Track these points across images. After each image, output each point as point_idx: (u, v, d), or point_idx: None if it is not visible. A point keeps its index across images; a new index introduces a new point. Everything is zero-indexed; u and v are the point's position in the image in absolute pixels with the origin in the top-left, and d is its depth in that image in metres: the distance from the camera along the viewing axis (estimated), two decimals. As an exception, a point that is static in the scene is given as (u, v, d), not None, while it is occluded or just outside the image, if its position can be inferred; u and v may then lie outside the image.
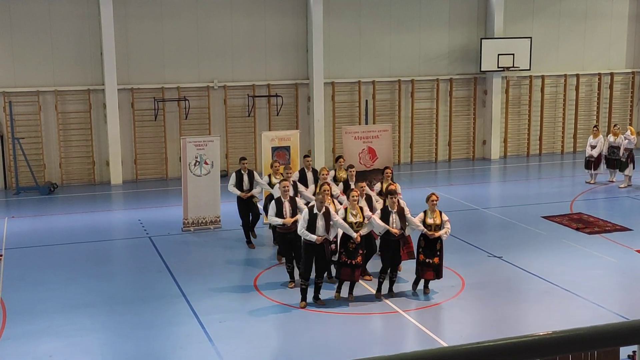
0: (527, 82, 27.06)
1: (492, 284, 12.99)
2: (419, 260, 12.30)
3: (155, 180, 23.44)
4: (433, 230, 12.18)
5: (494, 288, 12.81)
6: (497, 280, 13.27)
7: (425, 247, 12.27)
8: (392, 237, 11.99)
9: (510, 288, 12.82)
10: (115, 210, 19.99)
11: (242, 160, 15.64)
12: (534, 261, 14.27)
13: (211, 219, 17.07)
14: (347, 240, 11.97)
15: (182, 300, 12.39)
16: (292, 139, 17.56)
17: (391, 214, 12.07)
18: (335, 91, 25.02)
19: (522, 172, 24.91)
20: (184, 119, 23.54)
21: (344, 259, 11.99)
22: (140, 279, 13.63)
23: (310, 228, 11.66)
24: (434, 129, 26.41)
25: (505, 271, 13.77)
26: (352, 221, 11.96)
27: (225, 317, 11.59)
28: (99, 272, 14.08)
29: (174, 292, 12.82)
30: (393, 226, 11.98)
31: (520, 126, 27.51)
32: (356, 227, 11.93)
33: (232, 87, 24.06)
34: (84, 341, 10.77)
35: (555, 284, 12.92)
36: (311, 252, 11.78)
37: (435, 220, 12.20)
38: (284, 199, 12.79)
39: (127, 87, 22.95)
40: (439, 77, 26.02)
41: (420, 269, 12.32)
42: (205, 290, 12.86)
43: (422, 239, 12.29)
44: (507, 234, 16.58)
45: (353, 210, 12.04)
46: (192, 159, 16.75)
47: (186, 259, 14.86)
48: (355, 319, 11.45)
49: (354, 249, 11.95)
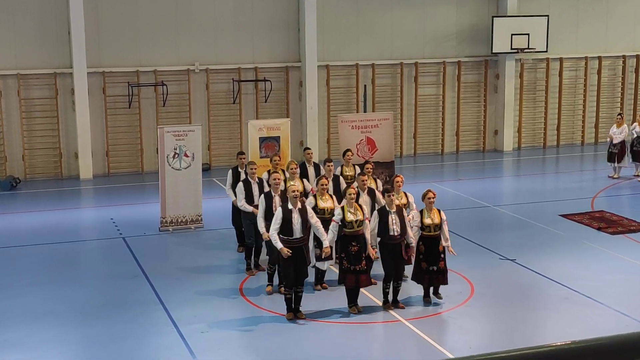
0: (543, 66, 27.10)
1: (504, 290, 13.01)
2: (421, 269, 12.23)
3: (129, 175, 23.40)
4: (432, 230, 12.15)
5: (506, 294, 12.84)
6: (509, 285, 13.30)
7: (427, 253, 12.19)
8: (392, 240, 11.94)
9: (524, 294, 12.85)
10: (84, 207, 19.95)
11: (241, 155, 15.36)
12: (551, 264, 14.30)
13: (192, 218, 17.06)
14: (348, 244, 11.88)
15: (160, 308, 12.39)
16: (282, 128, 17.56)
17: (390, 214, 12.00)
18: (330, 75, 25.01)
19: (537, 165, 24.95)
20: (161, 106, 23.50)
21: (346, 265, 11.89)
22: (113, 284, 13.61)
23: (286, 227, 11.54)
24: (440, 118, 26.43)
25: (519, 275, 13.80)
26: (351, 220, 11.88)
27: (208, 328, 11.60)
28: (67, 277, 14.06)
29: (151, 299, 12.81)
30: (393, 227, 11.89)
31: (535, 114, 27.55)
32: (357, 225, 11.89)
33: (215, 70, 24.02)
34: (49, 355, 10.75)
35: (575, 290, 12.96)
36: (290, 255, 11.52)
37: (434, 219, 12.16)
38: (274, 193, 12.72)
39: (98, 70, 22.89)
40: (446, 60, 26.03)
41: (424, 277, 12.24)
42: (185, 297, 12.85)
43: (422, 244, 12.22)
44: (521, 234, 16.61)
45: (351, 208, 11.97)
46: (171, 150, 16.73)
47: (164, 263, 14.84)
48: (353, 329, 11.46)
49: (356, 253, 11.83)
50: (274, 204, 12.58)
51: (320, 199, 12.82)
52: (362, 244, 11.90)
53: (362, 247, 11.87)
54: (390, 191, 12.14)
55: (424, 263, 12.20)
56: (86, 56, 22.40)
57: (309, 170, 15.34)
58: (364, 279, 11.92)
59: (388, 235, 11.94)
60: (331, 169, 14.45)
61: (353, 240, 11.87)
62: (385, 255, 12.08)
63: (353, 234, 11.89)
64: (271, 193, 12.74)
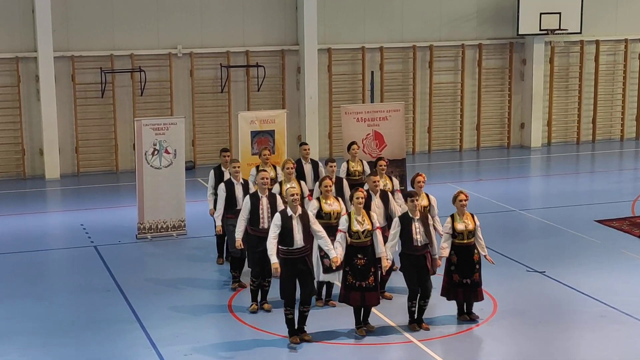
0: (577, 49, 27.09)
1: (531, 307, 13.01)
2: (453, 282, 12.15)
3: (102, 174, 23.39)
4: (466, 237, 12.07)
5: (534, 312, 12.84)
6: (538, 301, 13.30)
7: (460, 264, 12.09)
8: (416, 251, 11.81)
9: (554, 312, 12.84)
10: (50, 212, 19.94)
11: (224, 152, 15.37)
12: (585, 277, 14.30)
13: (174, 224, 17.06)
14: (354, 256, 11.74)
15: (137, 327, 12.38)
16: (278, 120, 17.56)
17: (413, 222, 11.85)
18: (332, 60, 25.00)
19: (570, 163, 24.93)
20: (139, 96, 23.49)
21: (351, 281, 11.74)
22: (84, 300, 13.60)
23: (286, 236, 11.42)
24: (458, 109, 26.42)
25: (548, 290, 13.80)
26: (357, 230, 11.68)
27: (192, 350, 11.57)
28: (30, 291, 14.04)
29: (127, 317, 12.81)
30: (417, 237, 11.75)
31: (568, 105, 27.54)
32: (364, 236, 11.73)
33: (201, 54, 24.02)
34: (11, 379, 10.76)
35: (613, 307, 12.95)
36: (290, 269, 11.45)
37: (468, 225, 12.10)
38: (261, 194, 12.62)
39: (67, 54, 22.88)
40: (465, 43, 26.03)
41: (457, 292, 12.14)
42: (166, 315, 12.85)
43: (454, 254, 12.14)
44: (551, 242, 16.60)
45: (358, 215, 11.75)
46: (150, 146, 16.73)
47: (142, 275, 14.83)
48: (360, 352, 11.45)
49: (363, 267, 11.68)
50: (261, 207, 12.51)
51: (324, 202, 12.66)
52: (370, 256, 11.75)
53: (369, 260, 11.73)
54: (414, 195, 11.95)
55: (456, 275, 12.10)
56: (53, 38, 22.39)
57: (305, 168, 15.32)
58: (371, 297, 11.76)
59: (411, 245, 11.79)
60: (334, 170, 14.40)
61: (359, 252, 11.70)
62: (408, 269, 11.89)
63: (359, 245, 11.71)
64: (258, 194, 12.62)
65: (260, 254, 12.35)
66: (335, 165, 14.52)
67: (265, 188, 12.63)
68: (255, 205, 12.57)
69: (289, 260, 11.46)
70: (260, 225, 12.52)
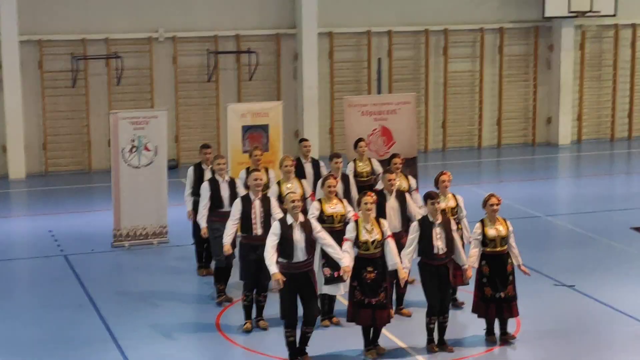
0: (611, 34, 27.08)
1: (559, 325, 13.01)
2: (485, 297, 12.05)
3: (73, 174, 23.39)
4: (498, 245, 11.99)
5: (562, 330, 12.83)
6: (566, 319, 13.30)
7: (492, 275, 11.99)
8: (436, 260, 11.71)
9: (584, 330, 12.84)
10: (15, 216, 19.93)
11: (205, 149, 15.42)
12: (619, 292, 14.29)
13: (154, 230, 17.06)
14: (362, 269, 11.55)
15: (113, 347, 12.38)
16: (272, 114, 17.56)
17: (433, 226, 11.79)
18: (334, 46, 25.01)
19: (603, 163, 24.93)
20: (115, 85, 23.50)
21: (359, 297, 11.61)
22: (52, 316, 13.59)
23: (286, 247, 11.28)
24: (476, 101, 26.43)
25: (579, 306, 13.81)
26: (366, 240, 11.54)
27: (175, 372, 11.61)
28: (-8, 306, 14.05)
29: (101, 335, 12.80)
30: (437, 244, 11.68)
31: (601, 97, 27.53)
32: (373, 247, 11.59)
33: (185, 39, 24.01)
34: (-30, 406, 10.76)
35: (651, 326, 12.99)
36: (290, 285, 11.29)
37: (500, 231, 12.01)
38: (254, 196, 12.62)
39: (33, 38, 22.89)
40: (485, 26, 26.03)
41: (489, 308, 12.04)
42: (145, 334, 12.84)
43: (485, 264, 12.04)
44: (582, 253, 16.60)
45: (367, 223, 11.62)
46: (127, 142, 16.73)
47: (118, 288, 14.84)
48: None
49: (373, 282, 11.57)
50: (253, 212, 12.50)
51: (326, 204, 12.62)
52: (381, 269, 11.61)
53: (380, 273, 11.61)
54: (435, 197, 11.85)
55: (488, 289, 12.02)
56: (18, 20, 22.40)
57: (305, 167, 15.33)
58: (382, 316, 11.64)
59: (431, 253, 11.73)
60: (339, 166, 14.40)
61: (369, 265, 11.56)
62: (427, 281, 11.82)
63: (369, 256, 11.56)
64: (250, 196, 12.63)
65: (254, 264, 12.35)
66: (341, 161, 14.49)
67: (258, 190, 12.60)
68: (247, 209, 12.54)
69: (289, 276, 11.28)
70: (253, 232, 12.52)
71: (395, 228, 12.62)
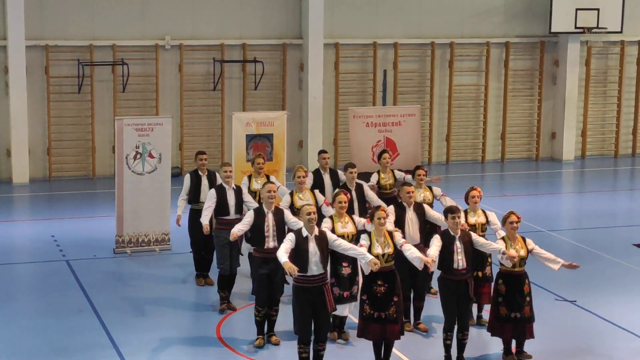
0: (617, 50, 27.10)
1: (559, 340, 12.98)
2: (500, 316, 11.86)
3: (77, 180, 23.40)
4: (517, 265, 11.73)
5: (563, 346, 12.81)
6: (567, 334, 13.28)
7: (509, 295, 11.79)
8: (456, 276, 11.54)
9: (585, 346, 12.81)
10: (18, 220, 19.93)
11: (200, 155, 15.43)
12: (622, 308, 14.27)
13: (157, 237, 17.05)
14: (373, 283, 11.37)
15: (113, 354, 12.36)
16: (277, 123, 17.56)
17: (455, 241, 11.61)
18: (340, 56, 25.03)
19: (607, 179, 24.90)
20: (120, 92, 23.52)
21: (369, 312, 11.41)
22: (53, 322, 13.58)
23: (300, 260, 10.99)
24: (481, 115, 26.43)
25: (580, 322, 13.78)
26: (378, 253, 11.32)
27: (175, 380, 11.59)
28: (-7, 310, 14.04)
29: (102, 342, 12.78)
30: (458, 258, 11.50)
31: (606, 113, 27.54)
32: (385, 261, 11.34)
33: (191, 47, 24.05)
34: (-31, 410, 10.75)
35: (652, 343, 12.96)
36: (306, 298, 11.08)
37: (519, 251, 11.82)
38: (267, 209, 12.49)
39: (40, 43, 22.93)
40: (491, 40, 26.05)
41: (505, 328, 11.85)
42: (146, 341, 12.82)
43: (502, 283, 11.84)
44: (585, 268, 16.50)
45: (379, 237, 11.45)
46: (132, 149, 16.74)
47: (120, 295, 14.83)
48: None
49: (383, 295, 11.35)
50: (266, 225, 12.32)
51: (338, 222, 12.39)
52: (392, 283, 11.44)
53: (391, 287, 11.41)
54: (456, 212, 11.67)
55: (504, 308, 11.81)
56: (25, 25, 22.43)
57: (324, 178, 15.32)
58: (393, 331, 11.42)
59: (451, 268, 11.55)
60: (354, 177, 14.34)
61: (379, 279, 11.37)
62: (445, 296, 11.63)
63: (380, 270, 11.26)
64: (263, 209, 12.47)
65: (266, 277, 12.26)
66: (356, 171, 14.45)
67: (271, 203, 12.46)
68: (260, 222, 12.39)
69: (302, 289, 11.12)
70: (265, 245, 12.34)
71: (414, 241, 12.47)
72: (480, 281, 12.83)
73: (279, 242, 12.15)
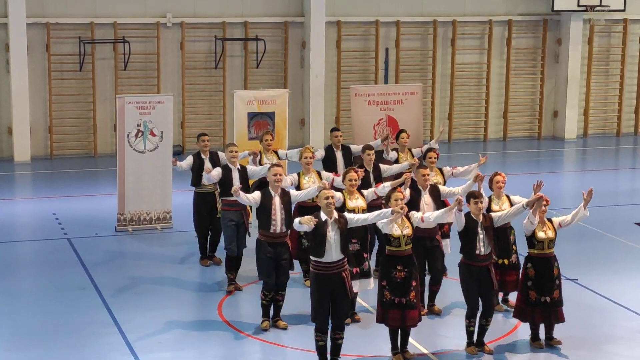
0: (620, 29, 27.04)
1: (561, 319, 13.03)
2: (529, 300, 11.74)
3: (78, 158, 23.41)
4: (546, 247, 11.68)
5: (564, 325, 12.82)
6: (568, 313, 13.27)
7: (538, 279, 11.68)
8: (478, 261, 11.34)
9: (587, 325, 12.84)
10: (19, 198, 19.95)
11: (203, 136, 15.34)
12: (622, 287, 14.32)
13: (158, 216, 17.08)
14: (392, 268, 11.14)
15: (115, 331, 12.40)
16: (279, 102, 17.55)
17: (477, 226, 11.41)
18: (341, 34, 24.98)
19: (609, 158, 24.89)
20: (121, 70, 23.50)
21: (389, 297, 11.17)
22: (55, 299, 13.63)
23: (319, 245, 10.76)
24: (483, 94, 26.40)
25: (582, 300, 13.82)
26: (398, 235, 11.11)
27: (176, 358, 11.58)
28: (-5, 288, 14.08)
29: (103, 319, 12.83)
30: (480, 245, 11.34)
31: (608, 92, 27.50)
32: (405, 243, 11.13)
33: (193, 25, 24.00)
34: (-29, 387, 10.79)
35: (653, 321, 12.99)
36: (323, 286, 10.82)
37: (548, 233, 11.75)
38: (273, 192, 12.25)
39: (41, 21, 22.89)
40: (493, 18, 25.99)
41: (534, 313, 11.75)
42: (147, 319, 12.86)
43: (532, 267, 11.73)
44: (586, 247, 16.59)
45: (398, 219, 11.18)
46: (133, 127, 16.74)
47: (121, 272, 14.87)
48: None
49: (403, 280, 11.13)
50: (273, 208, 12.12)
51: (348, 198, 12.41)
52: (411, 268, 11.22)
53: (410, 272, 11.19)
54: (478, 197, 11.48)
55: (533, 292, 11.69)
56: (26, 2, 22.39)
57: (337, 156, 15.29)
58: (412, 316, 11.23)
59: (473, 254, 11.42)
60: (372, 159, 14.18)
61: (399, 263, 11.15)
62: (467, 281, 11.50)
63: (399, 254, 11.16)
64: (270, 192, 12.26)
65: (272, 262, 12.15)
66: (373, 153, 14.29)
67: (277, 186, 12.26)
68: (267, 205, 12.19)
69: (321, 276, 10.85)
70: (272, 229, 12.16)
71: (430, 224, 12.09)
72: (506, 269, 12.69)
73: (286, 226, 12.19)
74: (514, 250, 12.88)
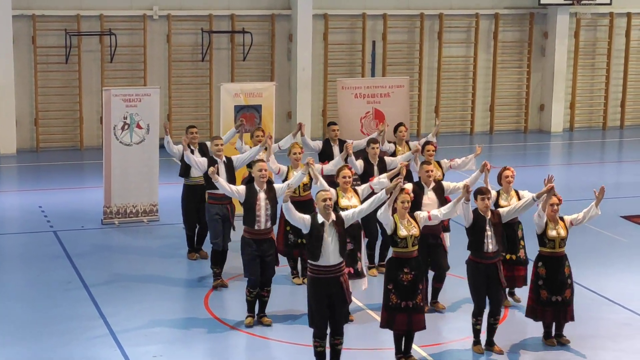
0: (606, 22, 27.08)
1: (547, 312, 13.04)
2: (540, 299, 11.64)
3: (64, 150, 23.35)
4: (557, 246, 11.53)
5: (551, 317, 12.88)
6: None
7: (550, 278, 11.56)
8: (486, 259, 11.22)
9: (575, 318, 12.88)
10: (5, 191, 19.90)
11: (191, 129, 15.24)
12: (608, 280, 14.38)
13: (145, 208, 17.06)
14: (399, 270, 10.85)
15: (101, 324, 12.39)
16: (265, 95, 17.54)
17: (486, 222, 11.32)
18: (328, 27, 24.96)
19: (595, 151, 24.94)
20: (108, 62, 23.43)
21: (395, 301, 10.87)
22: (41, 293, 13.60)
23: (315, 248, 10.46)
24: (469, 87, 26.42)
25: (567, 293, 13.84)
26: (404, 236, 10.85)
27: (163, 351, 11.58)
28: (-19, 281, 14.03)
29: (89, 312, 12.81)
30: (488, 242, 11.20)
31: (594, 85, 27.55)
32: (411, 244, 10.86)
33: (179, 17, 23.95)
34: (-44, 380, 10.76)
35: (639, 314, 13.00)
36: (322, 290, 10.50)
37: (560, 232, 11.61)
38: (258, 187, 12.15)
39: (27, 13, 22.80)
40: (480, 12, 26.00)
41: (545, 311, 11.66)
42: (134, 312, 12.86)
43: (543, 266, 11.61)
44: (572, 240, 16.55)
45: (403, 219, 10.96)
46: (119, 120, 16.71)
47: (107, 266, 14.85)
48: (351, 358, 11.47)
49: (410, 283, 10.86)
50: (257, 204, 12.03)
51: (343, 197, 12.26)
52: (418, 270, 10.97)
53: (417, 274, 10.92)
54: (486, 193, 11.33)
55: (544, 292, 11.59)
56: (11, -6, 22.34)
57: (334, 150, 15.26)
58: (418, 321, 10.98)
59: (481, 251, 11.27)
60: (376, 152, 14.17)
61: (405, 265, 10.88)
62: (475, 279, 11.35)
63: (406, 256, 10.90)
64: (255, 187, 12.17)
65: (257, 259, 12.08)
66: (378, 147, 14.28)
67: (263, 182, 12.12)
68: (252, 201, 12.09)
69: (318, 281, 10.54)
70: (257, 226, 12.08)
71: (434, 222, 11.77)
72: (514, 264, 12.65)
73: (272, 222, 12.14)
74: (521, 245, 12.81)
